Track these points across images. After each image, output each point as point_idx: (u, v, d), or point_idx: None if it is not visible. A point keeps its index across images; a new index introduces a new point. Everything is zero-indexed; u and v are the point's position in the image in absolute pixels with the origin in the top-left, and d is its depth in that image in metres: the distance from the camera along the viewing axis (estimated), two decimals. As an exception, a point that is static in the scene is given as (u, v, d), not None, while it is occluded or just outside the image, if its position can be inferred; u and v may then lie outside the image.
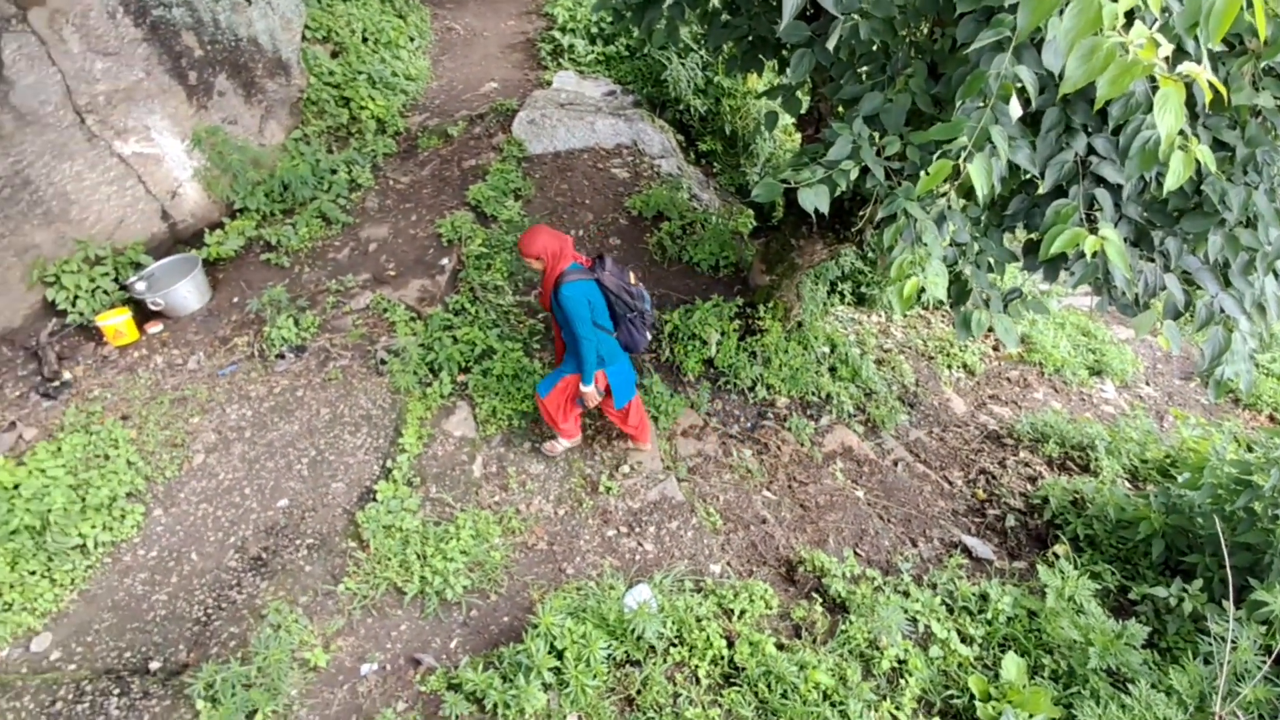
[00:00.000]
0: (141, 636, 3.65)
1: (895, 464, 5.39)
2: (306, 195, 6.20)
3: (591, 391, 4.17)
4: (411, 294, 5.55)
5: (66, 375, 4.97)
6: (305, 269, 5.82)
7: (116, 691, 3.38)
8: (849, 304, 6.77)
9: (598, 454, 4.80)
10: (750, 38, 3.96)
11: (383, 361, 5.03)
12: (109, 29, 5.19)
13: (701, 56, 7.88)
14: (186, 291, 5.41)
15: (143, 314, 5.40)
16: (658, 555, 4.27)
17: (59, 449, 4.31)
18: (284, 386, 4.94)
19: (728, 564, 4.28)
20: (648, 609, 3.50)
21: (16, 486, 3.97)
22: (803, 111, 4.06)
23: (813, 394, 5.62)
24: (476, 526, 4.18)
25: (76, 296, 5.27)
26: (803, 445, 5.28)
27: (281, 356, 5.11)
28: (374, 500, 4.19)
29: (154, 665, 3.51)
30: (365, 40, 7.55)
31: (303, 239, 5.99)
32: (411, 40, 8.10)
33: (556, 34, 8.51)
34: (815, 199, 2.87)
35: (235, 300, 5.61)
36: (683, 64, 7.82)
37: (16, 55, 4.84)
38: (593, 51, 8.40)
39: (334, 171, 6.41)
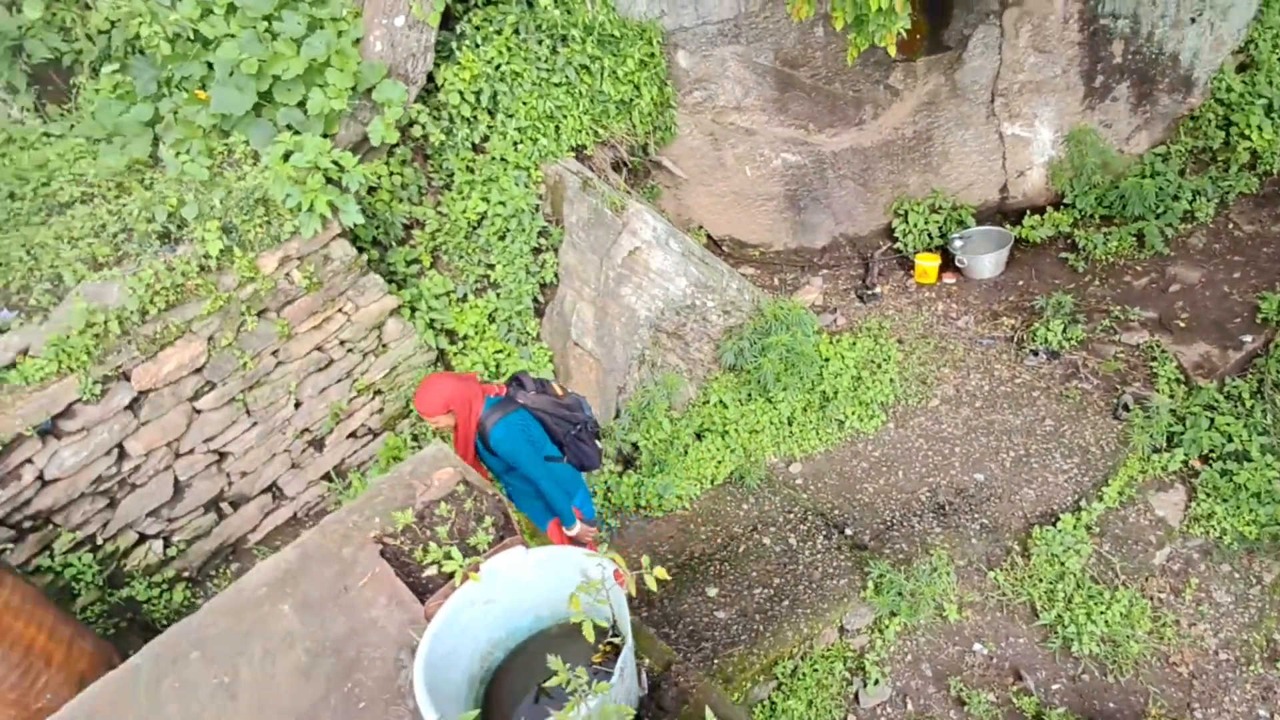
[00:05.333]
0: (847, 506, 5.02)
1: None
2: (1135, 212, 6.24)
3: (583, 530, 3.60)
4: (1191, 355, 5.34)
5: (878, 289, 6.50)
6: (1096, 282, 6.06)
7: (823, 532, 4.83)
8: None
9: (1312, 635, 4.19)
10: None
11: (1125, 407, 5.13)
12: (1055, 31, 5.90)
13: None
14: (990, 261, 6.30)
15: (945, 264, 6.53)
16: (1320, 781, 3.71)
17: (854, 344, 5.83)
18: (1024, 380, 5.53)
19: None
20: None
21: (826, 360, 5.62)
22: None
23: None
24: (1130, 609, 4.26)
25: (909, 232, 6.65)
26: None
27: (1035, 353, 5.65)
28: (1053, 525, 4.60)
29: (848, 531, 4.84)
30: (1296, 59, 6.66)
31: (1108, 252, 6.17)
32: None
33: None
34: None
35: (1020, 283, 6.28)
36: None
37: (978, 42, 5.98)
38: None
39: (1175, 198, 6.23)
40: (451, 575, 1.85)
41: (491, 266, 5.31)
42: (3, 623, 2.99)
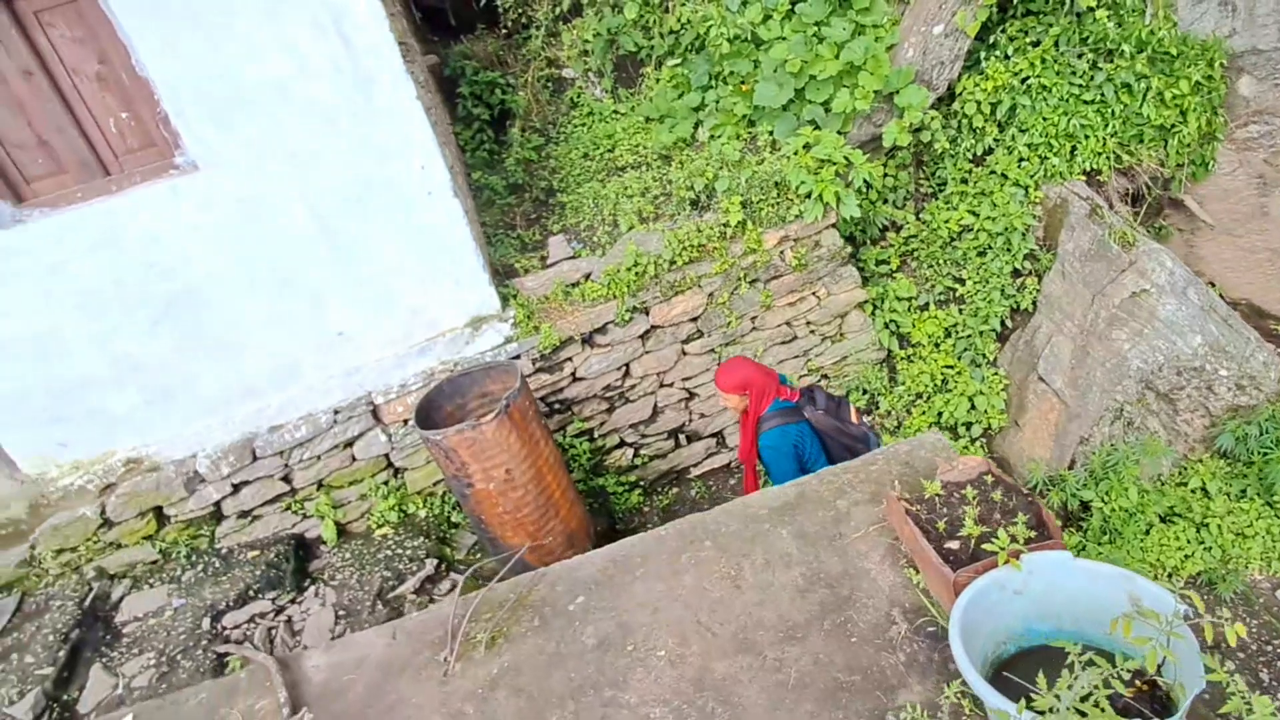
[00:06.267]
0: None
1: None
2: None
3: None
4: None
5: None
6: None
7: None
8: None
9: None
10: None
11: None
12: None
13: None
14: None
15: None
16: None
17: None
18: None
19: None
20: None
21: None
22: None
23: None
24: None
25: None
26: None
27: None
28: None
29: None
30: None
31: None
32: None
33: None
34: None
35: None
36: None
37: None
38: None
39: None
40: (977, 555, 1.93)
41: (961, 281, 5.21)
42: (541, 472, 3.93)
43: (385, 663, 2.60)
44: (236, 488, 4.23)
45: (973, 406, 4.87)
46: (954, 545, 1.99)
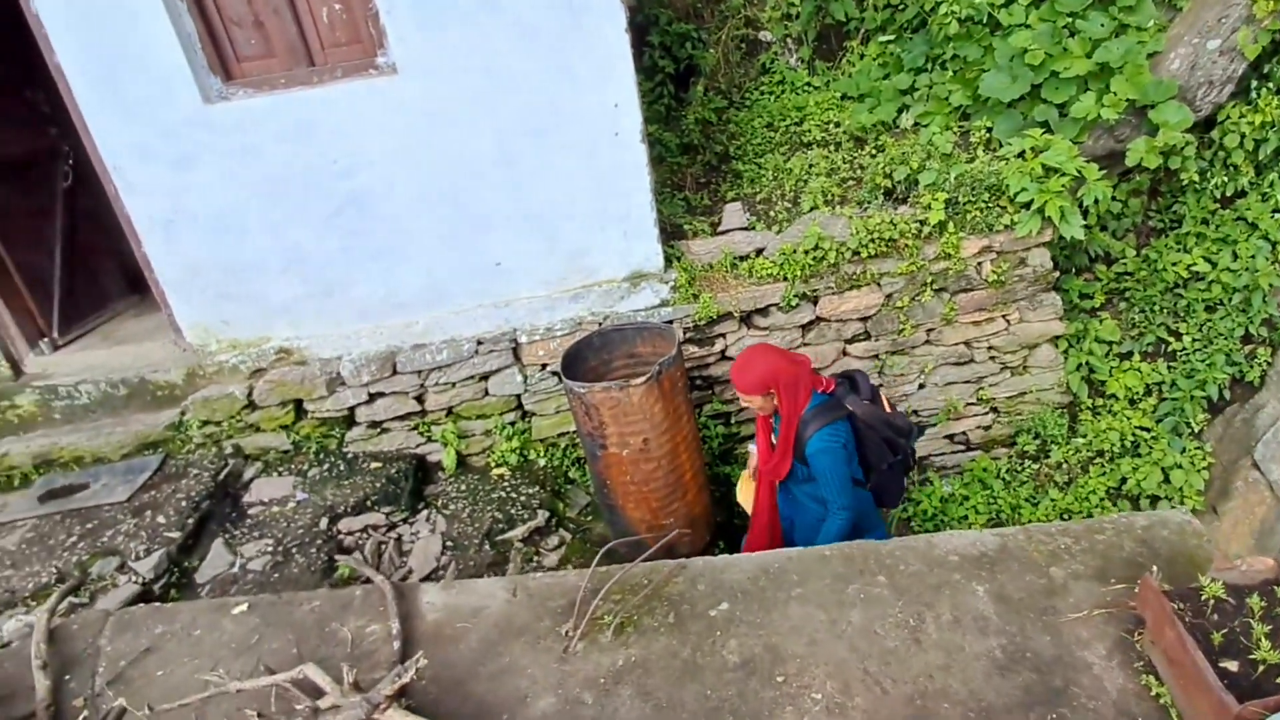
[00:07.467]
0: None
1: None
2: None
3: None
4: None
5: None
6: None
7: None
8: None
9: None
10: None
11: None
12: None
13: None
14: None
15: None
16: None
17: None
18: None
19: None
20: None
21: None
22: None
23: None
24: None
25: None
26: None
27: None
28: None
29: None
30: None
31: None
32: None
33: None
34: None
35: None
36: None
37: None
38: None
39: None
40: (1262, 685, 1.52)
41: (1177, 334, 4.54)
42: (678, 448, 3.68)
43: (503, 619, 2.44)
44: (372, 397, 4.21)
45: (1166, 480, 4.24)
46: (1231, 666, 1.59)
